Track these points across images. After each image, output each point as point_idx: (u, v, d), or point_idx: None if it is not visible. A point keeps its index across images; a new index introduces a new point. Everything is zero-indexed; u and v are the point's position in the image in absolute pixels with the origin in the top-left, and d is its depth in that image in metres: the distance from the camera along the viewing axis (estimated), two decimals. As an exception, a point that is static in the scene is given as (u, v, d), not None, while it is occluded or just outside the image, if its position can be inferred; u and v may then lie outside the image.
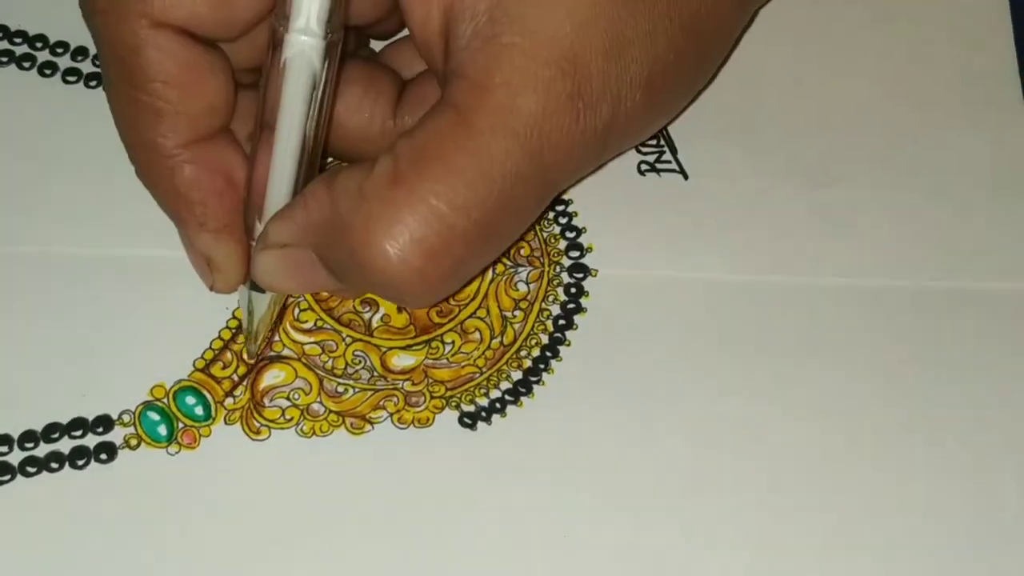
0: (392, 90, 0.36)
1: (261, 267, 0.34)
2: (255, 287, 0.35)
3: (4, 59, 0.41)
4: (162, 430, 0.36)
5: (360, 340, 0.37)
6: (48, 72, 0.41)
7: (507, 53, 0.31)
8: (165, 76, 0.33)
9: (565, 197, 0.40)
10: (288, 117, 0.32)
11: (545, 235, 0.39)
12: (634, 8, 0.32)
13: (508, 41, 0.31)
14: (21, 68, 0.41)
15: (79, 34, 0.41)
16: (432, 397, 0.37)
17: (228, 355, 0.37)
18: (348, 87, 0.36)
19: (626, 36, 0.32)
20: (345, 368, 0.37)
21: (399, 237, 0.31)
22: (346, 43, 0.34)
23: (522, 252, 0.39)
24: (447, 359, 0.37)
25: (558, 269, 0.39)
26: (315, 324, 0.38)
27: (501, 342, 0.38)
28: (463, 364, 0.37)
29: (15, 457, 0.35)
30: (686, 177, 0.40)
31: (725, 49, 0.38)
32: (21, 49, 0.41)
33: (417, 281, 0.32)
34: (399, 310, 0.38)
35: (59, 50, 0.41)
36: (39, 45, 0.41)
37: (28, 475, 0.35)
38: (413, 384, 0.37)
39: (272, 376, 0.37)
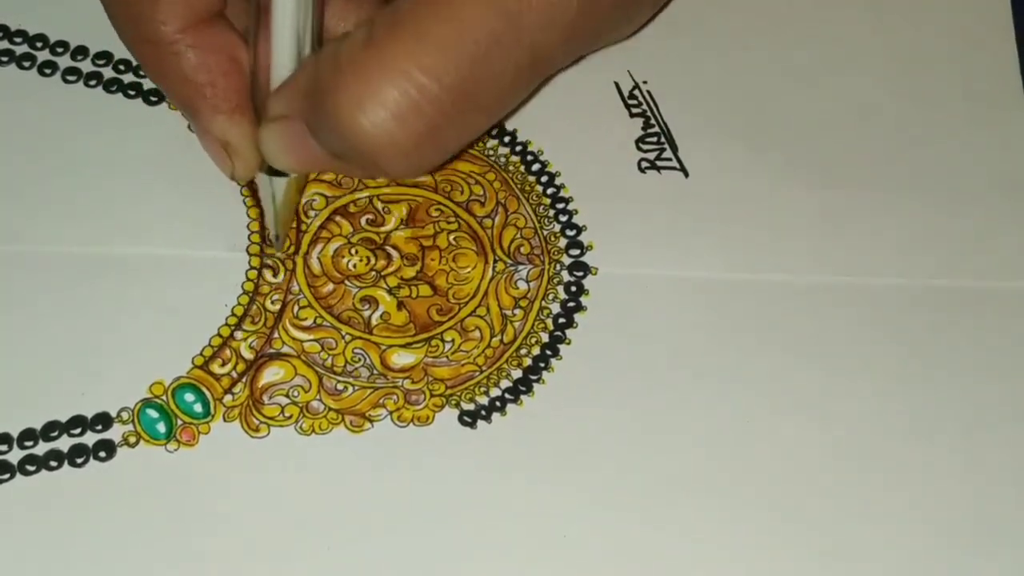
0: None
1: (264, 140, 0.34)
2: (271, 171, 0.35)
3: (4, 59, 0.41)
4: (161, 427, 0.36)
5: (360, 338, 0.37)
6: (48, 72, 0.41)
7: None
8: None
9: (565, 195, 0.40)
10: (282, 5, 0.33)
11: (545, 233, 0.39)
12: None
13: None
14: (21, 68, 0.41)
15: (79, 34, 0.42)
16: (432, 395, 0.37)
17: (227, 352, 0.37)
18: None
19: None
20: (345, 366, 0.37)
21: (368, 99, 0.31)
22: None
23: (522, 250, 0.39)
24: (447, 357, 0.37)
25: (558, 267, 0.39)
26: (314, 322, 0.37)
27: (501, 340, 0.38)
28: (463, 362, 0.37)
29: (14, 456, 0.35)
30: (687, 175, 0.40)
31: None
32: (21, 49, 0.41)
33: (389, 144, 0.32)
34: (398, 307, 0.38)
35: (59, 49, 0.41)
36: (39, 45, 0.41)
37: (27, 473, 0.35)
38: (413, 382, 0.37)
39: (271, 373, 0.37)
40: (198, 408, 0.36)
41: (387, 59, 0.31)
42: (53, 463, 0.35)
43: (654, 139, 0.41)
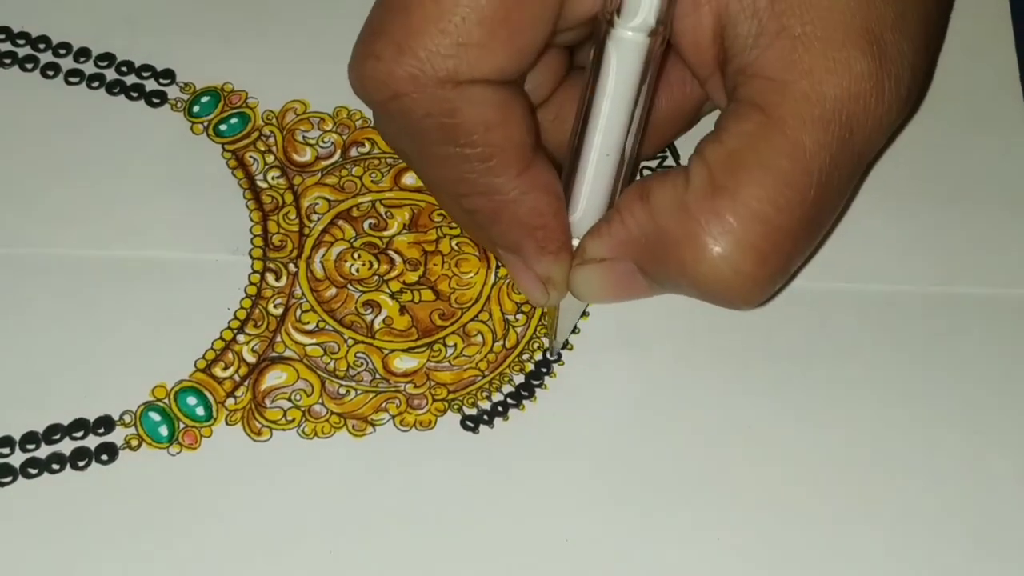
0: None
1: (581, 281, 0.35)
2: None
3: (7, 60, 0.41)
4: (163, 431, 0.36)
5: (362, 342, 0.37)
6: (51, 73, 0.41)
7: (802, 43, 0.32)
8: (485, 123, 0.33)
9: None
10: (602, 114, 0.33)
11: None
12: None
13: (800, 31, 0.32)
14: (24, 70, 0.41)
15: (82, 36, 0.42)
16: (434, 400, 0.37)
17: (229, 355, 0.37)
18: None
19: (904, 1, 0.33)
20: (347, 370, 0.37)
21: (729, 246, 0.32)
22: (668, 48, 0.34)
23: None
24: (449, 362, 0.37)
25: (560, 272, 0.39)
26: (317, 326, 0.38)
27: (503, 345, 0.38)
28: (465, 367, 0.37)
29: (17, 458, 0.35)
30: (689, 181, 0.40)
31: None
32: (24, 51, 0.41)
33: (751, 286, 0.33)
34: (400, 311, 0.38)
35: (62, 51, 0.41)
36: (42, 47, 0.41)
37: (30, 476, 0.35)
38: (415, 386, 0.37)
39: (274, 377, 0.37)
40: (200, 411, 0.36)
41: (740, 203, 0.32)
42: (55, 466, 0.35)
43: (657, 146, 0.41)
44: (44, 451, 0.35)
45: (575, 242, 0.35)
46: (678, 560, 0.35)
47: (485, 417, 0.37)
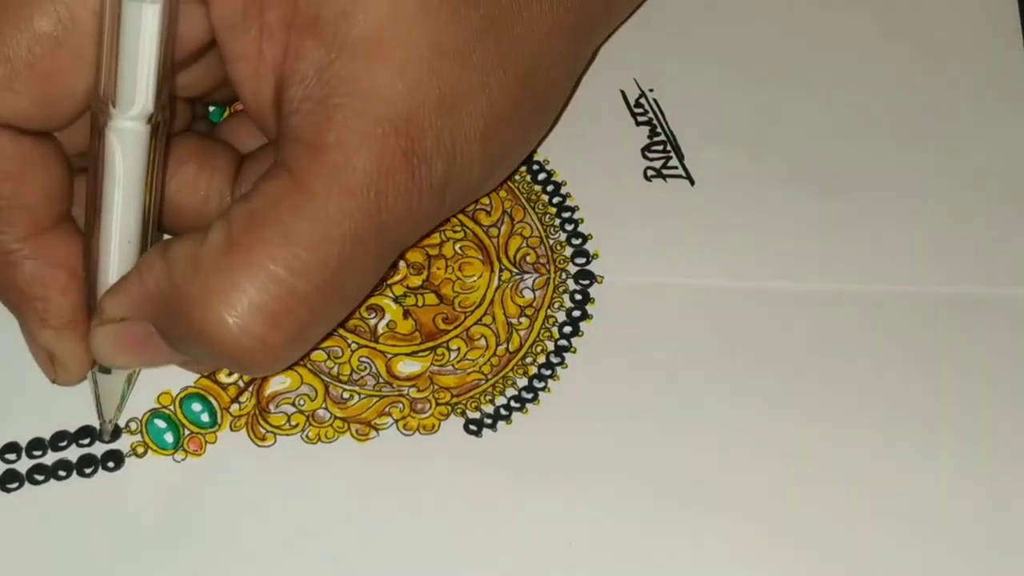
0: (229, 166, 0.35)
1: (99, 343, 0.33)
2: (103, 368, 0.34)
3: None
4: (168, 437, 0.36)
5: (366, 346, 0.38)
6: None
7: (339, 113, 0.31)
8: None
9: (571, 204, 0.40)
10: (115, 203, 0.32)
11: (551, 242, 0.39)
12: (467, 62, 0.32)
13: (338, 102, 0.31)
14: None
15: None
16: (437, 404, 0.37)
17: (233, 362, 0.37)
18: (183, 165, 0.35)
19: (460, 90, 0.32)
20: (351, 374, 0.37)
21: (238, 305, 0.30)
22: (174, 117, 0.33)
23: (528, 259, 0.39)
24: (453, 366, 0.37)
25: (564, 276, 0.39)
26: (321, 331, 0.38)
27: (507, 349, 0.38)
28: (469, 371, 0.37)
29: (23, 465, 0.36)
30: (692, 183, 0.40)
31: (563, 94, 0.38)
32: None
33: (260, 349, 0.31)
34: (404, 315, 0.38)
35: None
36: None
37: (36, 483, 0.35)
38: (418, 391, 0.37)
39: (278, 382, 0.37)
40: (205, 417, 0.36)
41: (253, 262, 0.30)
42: (62, 472, 0.36)
43: (660, 147, 0.41)
44: (50, 458, 0.36)
45: None
46: (681, 564, 0.35)
47: (488, 421, 0.37)
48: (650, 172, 0.40)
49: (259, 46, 0.32)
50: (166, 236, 0.36)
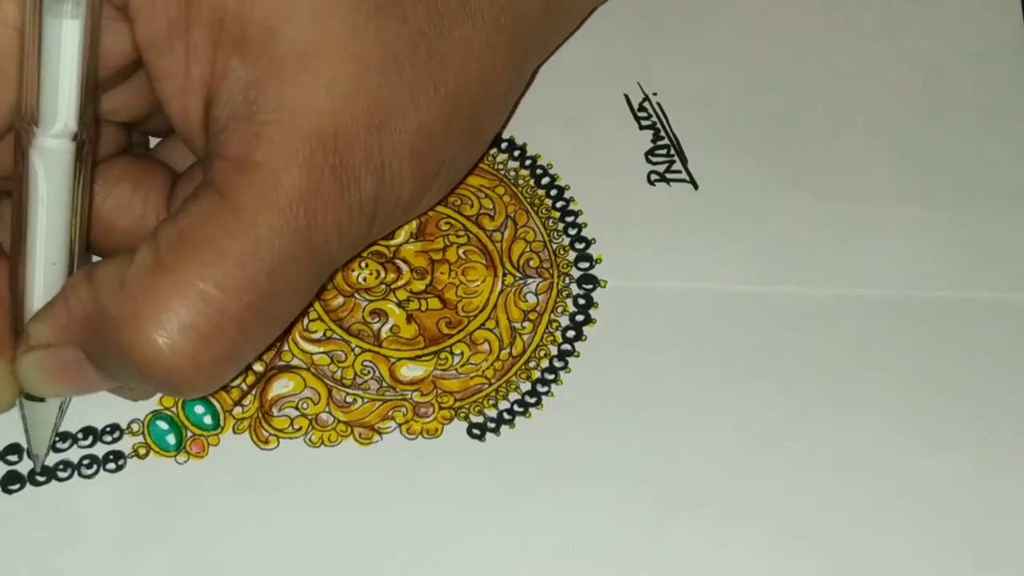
0: (164, 185, 0.35)
1: (26, 370, 0.32)
2: (31, 396, 0.34)
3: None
4: (171, 439, 0.36)
5: (369, 350, 0.38)
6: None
7: (266, 130, 0.30)
8: None
9: (574, 208, 0.40)
10: (40, 223, 0.31)
11: (554, 246, 0.39)
12: (398, 78, 0.32)
13: (266, 119, 0.30)
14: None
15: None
16: (441, 408, 0.37)
17: (236, 364, 0.37)
18: (117, 185, 0.34)
19: (388, 106, 0.32)
20: (354, 378, 0.37)
21: (167, 325, 0.30)
22: (99, 136, 0.33)
23: (531, 264, 0.39)
24: (456, 370, 0.37)
25: (567, 280, 0.39)
26: (324, 334, 0.38)
27: (510, 353, 0.38)
28: (472, 375, 0.37)
29: (25, 466, 0.36)
30: (696, 187, 0.40)
31: (499, 113, 0.37)
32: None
33: (192, 369, 0.30)
34: (407, 320, 0.38)
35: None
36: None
37: (37, 484, 0.35)
38: (422, 395, 0.37)
39: (281, 386, 0.37)
40: (208, 420, 0.36)
41: (182, 282, 0.30)
42: (63, 473, 0.36)
43: (664, 151, 0.41)
44: (52, 458, 0.36)
45: None
46: (685, 567, 0.35)
47: (491, 425, 0.37)
48: (654, 176, 0.40)
49: (186, 64, 0.31)
50: (96, 259, 0.36)
